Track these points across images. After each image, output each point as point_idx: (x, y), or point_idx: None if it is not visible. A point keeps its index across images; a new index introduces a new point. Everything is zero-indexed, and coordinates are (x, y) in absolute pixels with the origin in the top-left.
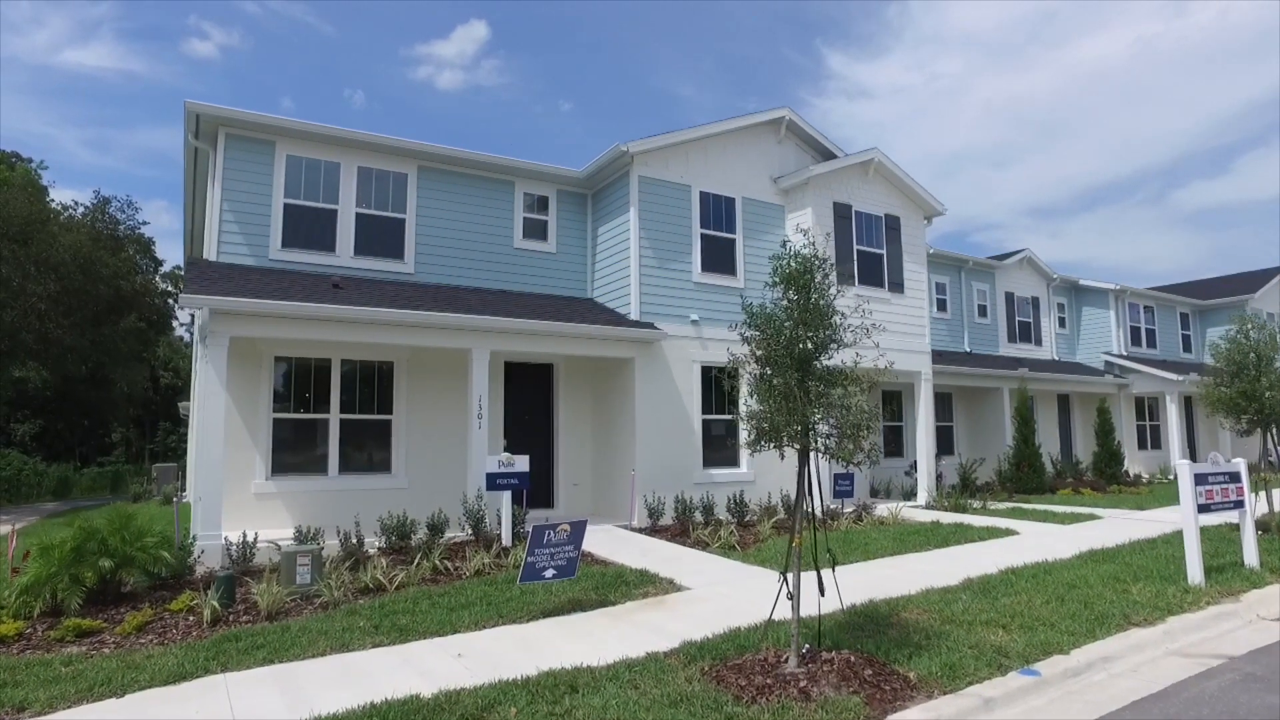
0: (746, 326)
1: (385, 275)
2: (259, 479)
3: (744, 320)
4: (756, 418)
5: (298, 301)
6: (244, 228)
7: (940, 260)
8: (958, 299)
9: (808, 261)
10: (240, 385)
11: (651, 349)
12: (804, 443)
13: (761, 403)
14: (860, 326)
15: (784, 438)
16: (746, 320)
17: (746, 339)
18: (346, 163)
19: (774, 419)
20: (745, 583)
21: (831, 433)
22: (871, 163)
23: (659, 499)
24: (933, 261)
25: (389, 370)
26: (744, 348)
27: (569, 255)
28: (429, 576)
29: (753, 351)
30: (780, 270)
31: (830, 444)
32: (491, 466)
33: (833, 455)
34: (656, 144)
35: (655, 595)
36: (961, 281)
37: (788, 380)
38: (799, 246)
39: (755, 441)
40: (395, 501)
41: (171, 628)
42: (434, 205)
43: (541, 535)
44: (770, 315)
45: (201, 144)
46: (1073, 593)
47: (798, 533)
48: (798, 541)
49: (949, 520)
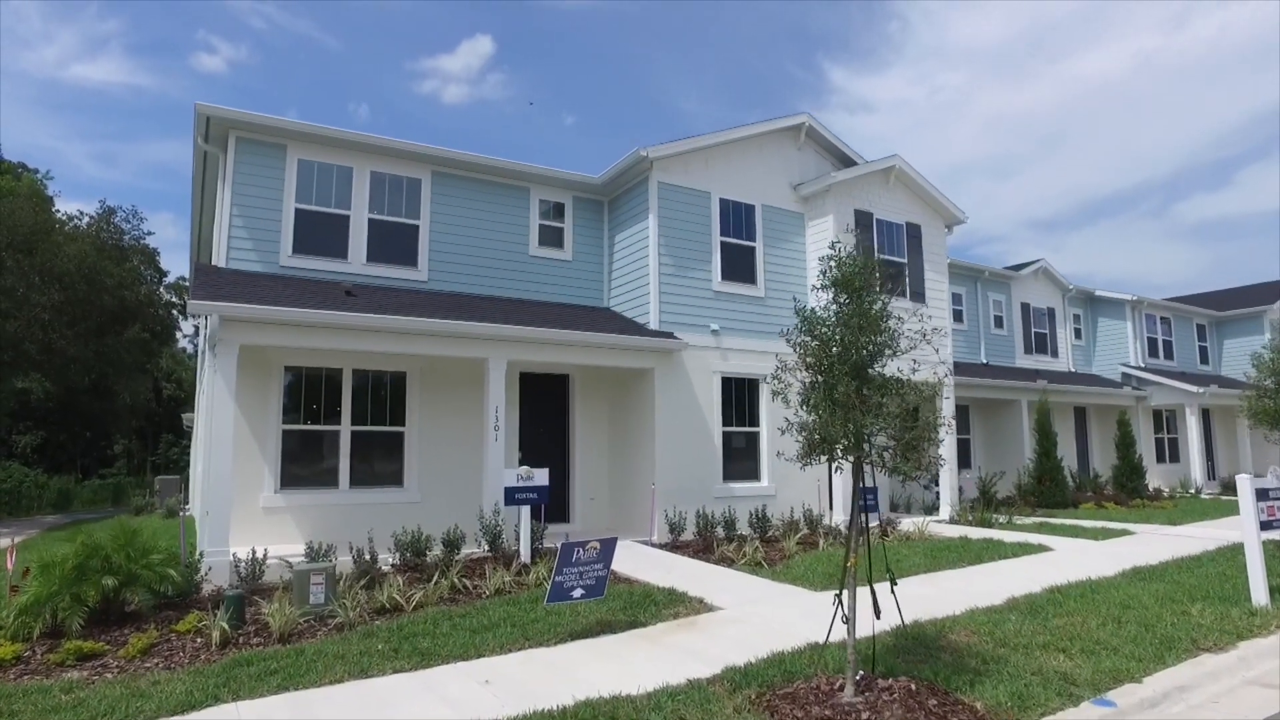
0: (799, 331)
1: (398, 283)
2: (268, 492)
3: (795, 325)
4: (809, 429)
5: (311, 309)
6: (254, 233)
7: (956, 270)
8: (974, 310)
9: (862, 264)
10: (249, 395)
11: (672, 359)
12: (858, 455)
13: (813, 413)
14: (917, 332)
15: (838, 449)
16: (799, 325)
17: (797, 345)
18: (359, 167)
19: (827, 430)
20: (778, 602)
21: (889, 445)
22: (893, 170)
23: (680, 514)
24: (949, 272)
25: (401, 381)
26: (792, 356)
27: (585, 263)
28: (447, 596)
29: (803, 358)
30: (831, 273)
31: (886, 457)
32: (510, 480)
33: (891, 469)
34: (676, 149)
35: (686, 615)
36: (978, 292)
37: (846, 389)
38: (848, 249)
39: (807, 454)
40: (408, 516)
41: (178, 650)
42: (448, 211)
43: (570, 553)
44: (823, 320)
45: (211, 148)
46: (1128, 614)
47: (854, 551)
48: (854, 561)
49: (977, 536)
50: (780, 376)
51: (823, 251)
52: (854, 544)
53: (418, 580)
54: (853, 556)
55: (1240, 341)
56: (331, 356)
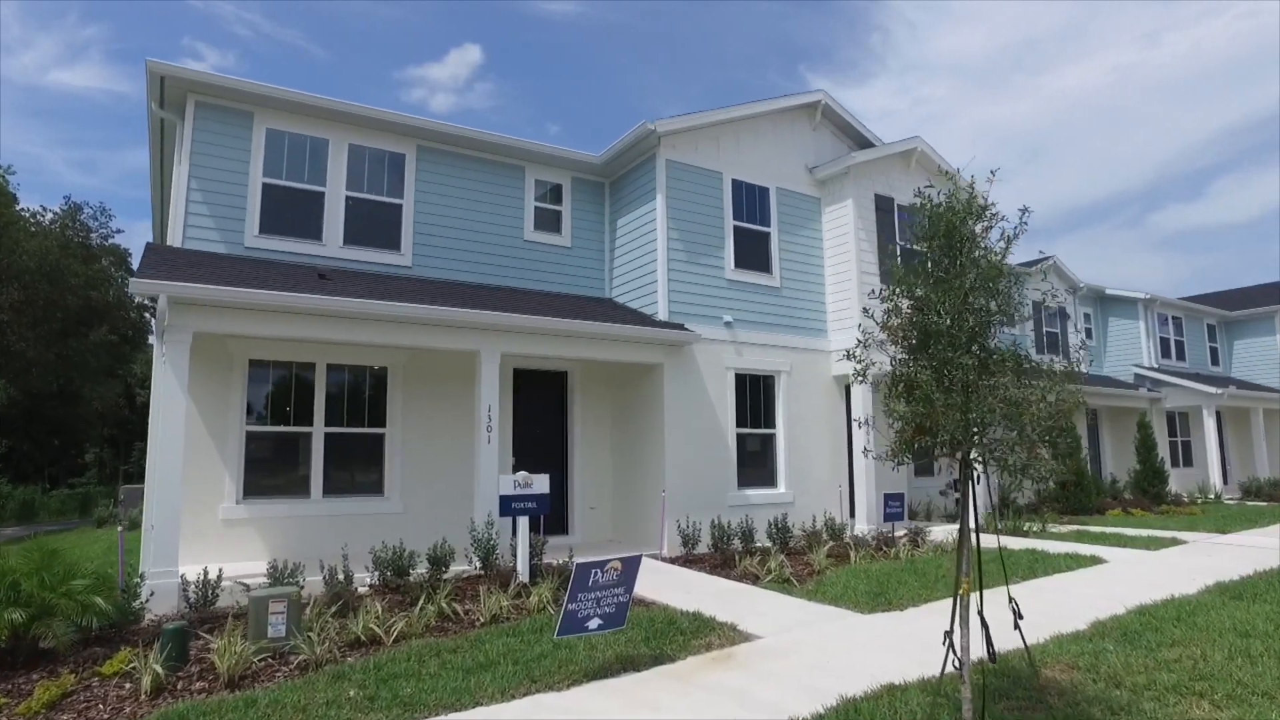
0: (896, 291)
1: (379, 268)
2: (228, 503)
3: (893, 285)
4: (905, 417)
5: (276, 291)
6: (215, 210)
7: None
8: None
9: (974, 205)
10: (207, 393)
11: (682, 353)
12: (967, 450)
13: (910, 399)
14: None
15: (945, 444)
16: (898, 281)
17: (893, 311)
18: (336, 139)
19: (939, 417)
20: (824, 628)
21: (1009, 439)
22: (914, 152)
23: (694, 524)
24: None
25: (382, 377)
26: (882, 325)
27: (585, 250)
28: (434, 624)
29: (898, 328)
30: (936, 216)
31: (1003, 453)
32: (506, 488)
33: (1012, 470)
34: (686, 124)
35: (720, 646)
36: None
37: (964, 364)
38: (946, 191)
39: (901, 449)
40: (389, 528)
41: (98, 701)
42: (435, 190)
43: (586, 576)
44: (916, 277)
45: (168, 114)
46: (1252, 644)
47: (964, 574)
48: (965, 587)
49: (1017, 546)
50: (859, 356)
51: (841, 235)
52: (964, 565)
53: (400, 605)
54: (964, 580)
55: (1250, 342)
56: (303, 349)
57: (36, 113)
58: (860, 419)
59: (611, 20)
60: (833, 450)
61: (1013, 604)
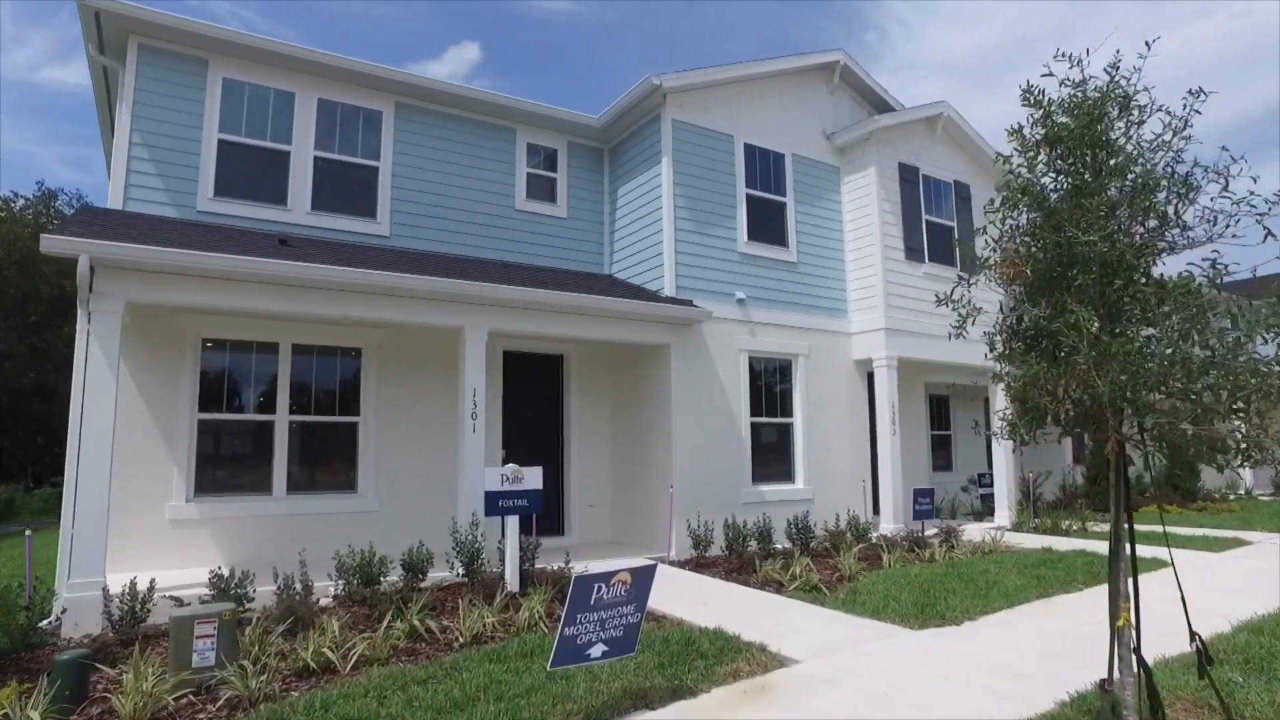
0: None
1: (352, 237)
2: (177, 501)
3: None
4: (1026, 380)
5: (226, 254)
6: (163, 169)
7: None
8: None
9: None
10: (154, 377)
11: (691, 333)
12: (1118, 425)
13: (1034, 356)
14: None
15: (1092, 415)
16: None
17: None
18: (304, 93)
19: (1088, 377)
20: (871, 649)
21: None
22: (940, 118)
23: (705, 524)
24: None
25: (355, 360)
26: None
27: (582, 222)
28: (404, 646)
29: (1016, 263)
30: (1069, 105)
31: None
32: (493, 483)
33: (1207, 450)
34: (694, 80)
35: (751, 674)
36: None
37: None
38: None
39: (1027, 423)
40: (363, 529)
41: None
42: (416, 153)
43: (588, 592)
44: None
45: (110, 60)
46: None
47: (1125, 598)
48: (1125, 616)
49: (1064, 547)
50: (956, 305)
51: (863, 206)
52: (1122, 585)
53: (366, 620)
54: (1123, 608)
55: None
56: (264, 327)
57: (30, 110)
58: (891, 405)
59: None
60: (855, 442)
61: (1196, 641)
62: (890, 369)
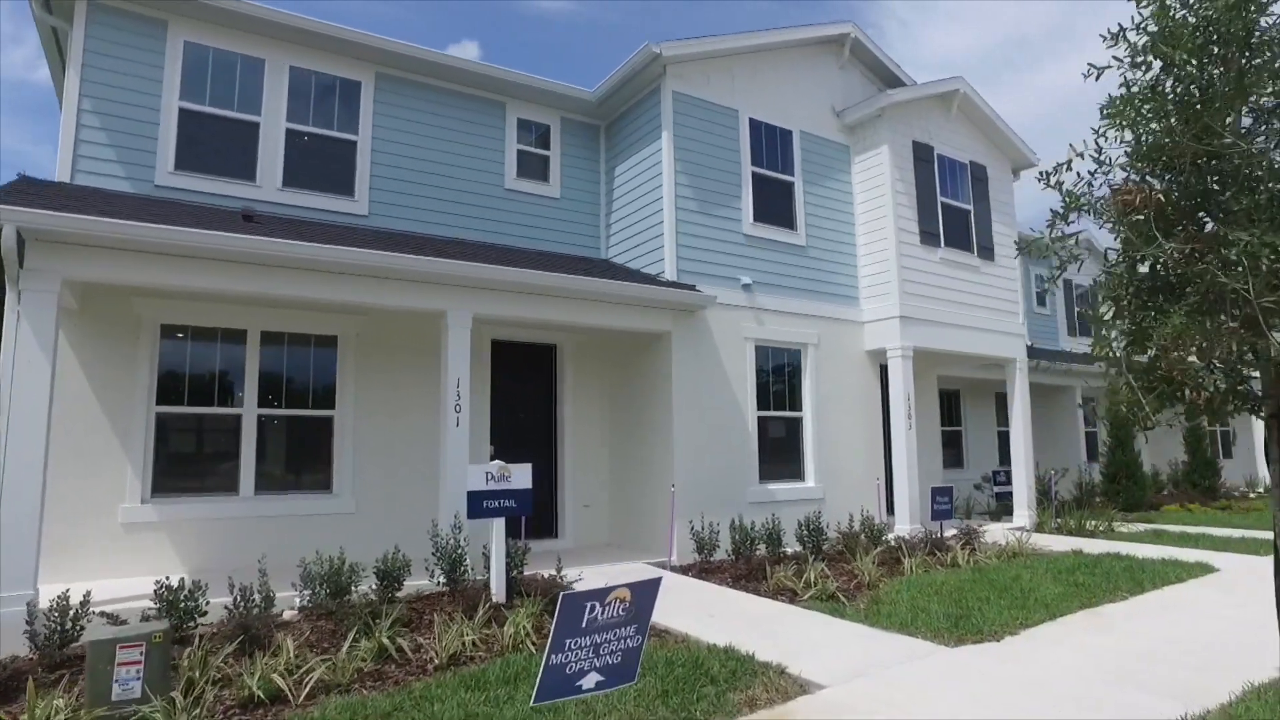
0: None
1: (328, 215)
2: (132, 502)
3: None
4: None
5: (179, 226)
6: (116, 139)
7: None
8: None
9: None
10: (106, 366)
11: (694, 320)
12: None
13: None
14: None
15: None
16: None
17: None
18: (274, 59)
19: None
20: (905, 672)
21: None
22: (956, 95)
23: (710, 526)
24: None
25: (330, 348)
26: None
27: (577, 202)
28: (370, 668)
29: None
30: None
31: None
32: (477, 482)
33: None
34: (696, 49)
35: (769, 703)
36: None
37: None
38: None
39: (1155, 399)
40: (339, 532)
41: None
42: (397, 126)
43: (578, 613)
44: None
45: (58, 20)
46: None
47: None
48: None
49: (1095, 549)
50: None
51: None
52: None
53: (332, 636)
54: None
55: None
56: (230, 313)
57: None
58: (907, 398)
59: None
60: (867, 438)
61: None
62: (905, 359)
